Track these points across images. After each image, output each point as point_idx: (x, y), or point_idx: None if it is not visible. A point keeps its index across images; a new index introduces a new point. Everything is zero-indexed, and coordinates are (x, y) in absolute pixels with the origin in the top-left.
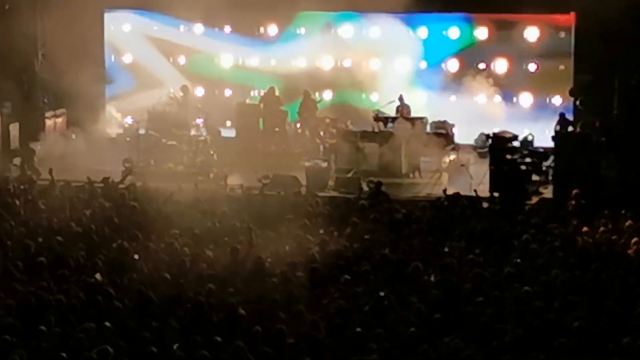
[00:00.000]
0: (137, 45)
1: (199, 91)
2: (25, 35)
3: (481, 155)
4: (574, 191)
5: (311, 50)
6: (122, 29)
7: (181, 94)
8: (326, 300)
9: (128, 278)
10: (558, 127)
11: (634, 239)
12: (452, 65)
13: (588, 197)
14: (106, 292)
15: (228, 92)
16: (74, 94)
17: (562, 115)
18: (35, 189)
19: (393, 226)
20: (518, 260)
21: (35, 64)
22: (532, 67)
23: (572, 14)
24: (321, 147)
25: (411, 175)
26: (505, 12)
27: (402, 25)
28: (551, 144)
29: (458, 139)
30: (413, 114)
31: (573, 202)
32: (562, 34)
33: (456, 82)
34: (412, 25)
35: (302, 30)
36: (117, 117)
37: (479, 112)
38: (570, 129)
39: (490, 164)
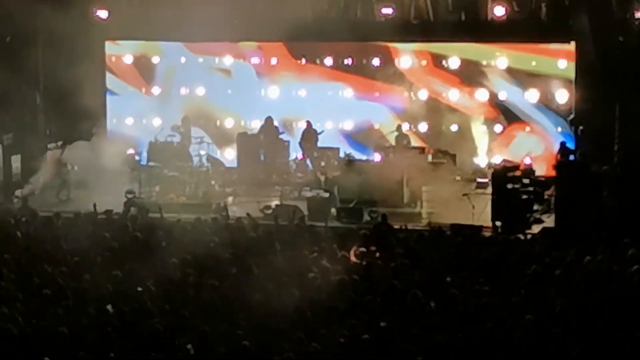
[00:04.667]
0: (138, 76)
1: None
2: (27, 67)
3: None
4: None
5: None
6: (123, 61)
7: (182, 125)
8: (329, 329)
9: (131, 309)
10: (559, 156)
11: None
12: (453, 94)
13: (590, 225)
14: (110, 323)
15: (230, 123)
16: (76, 125)
17: (563, 144)
18: (38, 220)
19: (395, 256)
20: (521, 290)
21: (37, 95)
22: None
23: (573, 43)
24: (323, 177)
25: (413, 205)
26: (506, 41)
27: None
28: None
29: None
30: (413, 144)
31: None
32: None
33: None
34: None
35: (303, 61)
36: (120, 148)
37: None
38: (571, 157)
39: (492, 193)
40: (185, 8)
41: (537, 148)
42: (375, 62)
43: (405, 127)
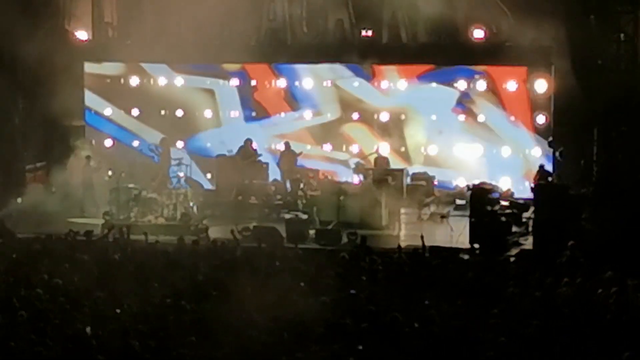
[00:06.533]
0: (117, 98)
1: (179, 144)
2: (5, 88)
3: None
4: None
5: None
6: (104, 82)
7: (161, 146)
8: (308, 352)
9: (109, 330)
10: (537, 179)
11: (614, 289)
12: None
13: (568, 248)
14: (88, 344)
15: (209, 145)
16: (55, 146)
17: (541, 167)
18: (15, 242)
19: (374, 279)
20: (498, 312)
21: (15, 116)
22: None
23: (552, 66)
24: (302, 199)
25: (391, 227)
26: (486, 64)
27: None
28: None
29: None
30: (393, 166)
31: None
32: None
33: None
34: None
35: (283, 82)
36: (96, 169)
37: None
38: (549, 180)
39: (470, 215)
40: (166, 30)
41: (518, 170)
42: (356, 83)
43: (385, 148)
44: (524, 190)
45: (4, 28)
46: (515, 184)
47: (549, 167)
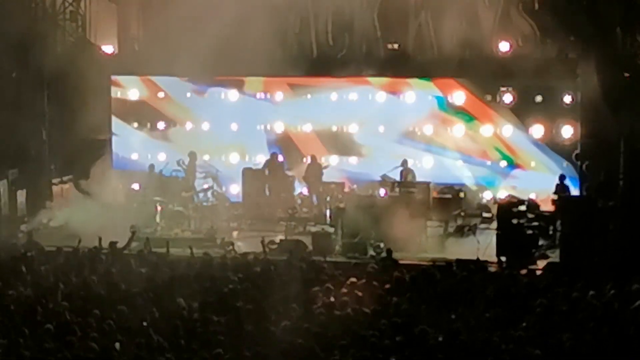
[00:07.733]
0: (143, 111)
1: (205, 157)
2: (33, 101)
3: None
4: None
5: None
6: (128, 97)
7: (188, 159)
8: None
9: (136, 344)
10: (556, 189)
11: None
12: (458, 130)
13: (595, 261)
14: (114, 357)
15: (235, 158)
16: (81, 160)
17: (562, 179)
18: (43, 255)
19: (400, 291)
20: (526, 325)
21: (42, 130)
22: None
23: (578, 79)
24: (327, 212)
25: (417, 239)
26: (512, 77)
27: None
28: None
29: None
30: (419, 178)
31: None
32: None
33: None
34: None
35: (309, 96)
36: (125, 183)
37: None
38: (571, 191)
39: (497, 228)
40: (191, 43)
41: (544, 183)
42: (381, 97)
43: (410, 162)
44: (550, 203)
45: (31, 42)
46: (541, 197)
47: (575, 181)
